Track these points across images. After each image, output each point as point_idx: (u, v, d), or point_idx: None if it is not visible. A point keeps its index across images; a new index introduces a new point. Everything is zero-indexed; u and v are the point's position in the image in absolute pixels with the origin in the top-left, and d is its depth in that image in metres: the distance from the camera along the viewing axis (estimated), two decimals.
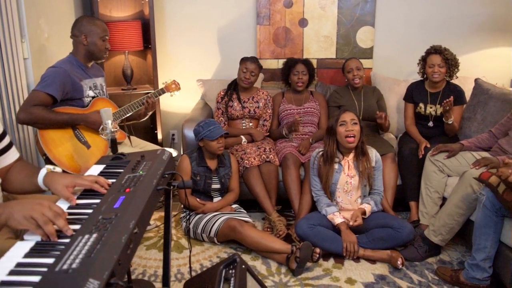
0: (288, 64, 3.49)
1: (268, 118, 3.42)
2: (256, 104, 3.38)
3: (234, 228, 2.67)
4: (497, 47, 4.04)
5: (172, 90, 3.20)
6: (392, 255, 2.62)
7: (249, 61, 3.34)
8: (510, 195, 2.13)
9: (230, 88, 3.45)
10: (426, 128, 3.30)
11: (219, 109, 3.41)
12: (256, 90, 3.46)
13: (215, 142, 2.79)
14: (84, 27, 2.74)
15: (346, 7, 3.80)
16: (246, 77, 3.32)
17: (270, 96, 3.46)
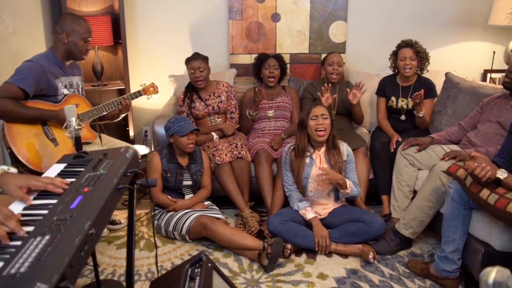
0: (260, 59, 3.47)
1: (234, 109, 3.38)
2: (218, 99, 3.33)
3: (205, 225, 2.64)
4: (467, 41, 4.09)
5: (150, 93, 3.14)
6: (363, 249, 2.63)
7: (192, 60, 3.24)
8: (477, 187, 2.14)
9: (188, 90, 3.38)
10: (398, 121, 3.33)
11: (183, 112, 3.33)
12: (215, 84, 3.39)
13: (185, 138, 2.75)
14: (67, 25, 2.66)
15: (319, 2, 3.79)
16: (196, 76, 3.24)
17: (231, 86, 3.41)
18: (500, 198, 2.02)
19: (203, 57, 3.29)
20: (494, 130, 2.68)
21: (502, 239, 2.16)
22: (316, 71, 3.91)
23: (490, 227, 2.21)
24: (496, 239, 2.19)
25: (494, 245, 2.20)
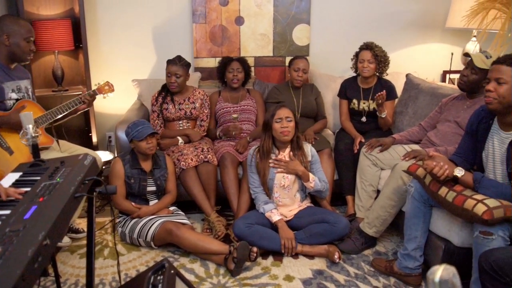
0: (223, 62, 3.46)
1: (205, 118, 3.37)
2: (192, 105, 3.31)
3: (170, 231, 2.61)
4: (427, 43, 4.20)
5: (105, 92, 3.08)
6: (329, 249, 2.66)
7: (171, 64, 3.20)
8: (435, 186, 2.20)
9: (164, 89, 3.35)
10: (360, 123, 3.38)
11: (154, 112, 3.30)
12: (192, 90, 3.38)
13: (144, 143, 2.72)
14: (6, 26, 2.58)
15: (282, 5, 3.81)
16: (171, 81, 3.21)
17: (207, 96, 3.41)
18: (458, 195, 2.08)
19: (184, 63, 3.25)
20: (452, 129, 2.76)
21: (461, 235, 2.23)
22: (280, 74, 3.93)
23: (449, 224, 2.28)
24: (455, 235, 2.25)
25: (454, 241, 2.27)
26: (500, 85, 1.99)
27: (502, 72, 2.00)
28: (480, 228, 1.98)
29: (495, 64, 2.05)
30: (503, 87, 1.98)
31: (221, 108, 3.42)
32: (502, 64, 2.01)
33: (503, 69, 2.00)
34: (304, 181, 2.75)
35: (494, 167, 2.17)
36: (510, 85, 1.97)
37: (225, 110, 3.40)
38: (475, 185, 2.08)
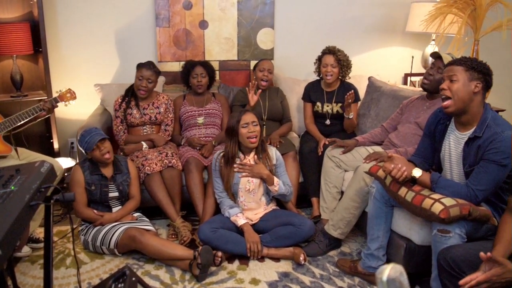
0: (187, 67, 3.44)
1: (170, 122, 3.33)
2: (157, 110, 3.27)
3: (134, 237, 2.57)
4: (388, 46, 4.29)
5: (67, 99, 3.01)
6: (294, 251, 2.67)
7: (145, 68, 3.18)
8: (395, 186, 2.25)
9: (128, 94, 3.30)
10: (325, 126, 3.43)
11: (118, 117, 3.25)
12: (156, 95, 3.34)
13: (96, 152, 2.67)
14: None
15: (246, 9, 3.82)
16: (142, 85, 3.17)
17: (171, 100, 3.37)
18: (416, 195, 2.14)
19: (157, 70, 3.25)
20: (412, 130, 2.83)
21: (421, 233, 2.29)
22: (245, 77, 3.94)
23: (410, 223, 2.33)
24: (416, 234, 2.31)
25: (414, 239, 2.32)
26: (453, 83, 2.09)
27: (454, 70, 2.10)
28: (438, 226, 2.04)
29: (448, 66, 2.16)
30: (455, 85, 2.08)
31: (186, 112, 3.39)
32: (453, 65, 2.13)
33: (455, 68, 2.10)
34: (268, 185, 2.76)
35: (451, 167, 2.24)
36: (461, 82, 2.07)
37: (190, 114, 3.38)
38: (432, 185, 2.14)
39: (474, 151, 2.08)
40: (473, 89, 2.06)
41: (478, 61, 2.10)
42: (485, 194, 2.04)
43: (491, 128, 2.04)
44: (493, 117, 2.09)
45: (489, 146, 2.01)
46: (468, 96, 2.07)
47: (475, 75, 2.06)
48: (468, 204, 2.00)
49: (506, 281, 1.64)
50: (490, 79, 2.10)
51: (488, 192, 2.05)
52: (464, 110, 2.10)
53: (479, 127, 2.08)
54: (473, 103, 2.09)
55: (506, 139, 2.00)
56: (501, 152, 1.99)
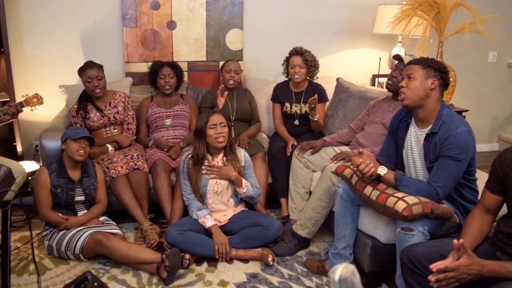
0: (154, 68, 3.40)
1: (131, 120, 3.27)
2: (115, 109, 3.21)
3: (100, 242, 2.52)
4: (357, 48, 4.36)
5: (33, 104, 2.92)
6: (263, 252, 2.67)
7: (88, 68, 3.10)
8: (361, 185, 2.28)
9: (82, 99, 3.21)
10: (294, 126, 3.44)
11: (77, 124, 3.16)
12: (111, 94, 3.27)
13: (77, 144, 2.62)
14: None
15: (214, 10, 3.81)
16: (95, 85, 3.10)
17: (128, 97, 3.31)
18: (381, 194, 2.17)
19: (99, 65, 3.16)
20: (379, 130, 2.87)
21: (386, 232, 2.31)
22: (214, 78, 3.92)
23: (375, 222, 2.36)
24: (381, 232, 2.33)
25: (380, 238, 2.35)
26: (411, 80, 2.16)
27: (411, 69, 2.19)
28: (401, 224, 2.07)
29: (407, 65, 2.25)
30: (413, 82, 2.15)
31: (154, 114, 3.35)
32: (411, 64, 2.21)
33: (413, 67, 2.19)
34: (236, 187, 2.75)
35: (414, 164, 2.29)
36: (419, 80, 2.14)
37: (158, 115, 3.34)
38: (396, 184, 2.17)
39: (433, 148, 2.14)
40: (429, 86, 2.14)
41: (435, 60, 2.19)
42: (445, 191, 2.09)
43: (446, 125, 2.10)
44: (449, 114, 2.15)
45: (445, 142, 2.07)
46: (425, 92, 2.14)
47: (432, 72, 2.15)
48: (430, 202, 2.04)
49: (472, 273, 1.67)
50: (447, 77, 2.17)
51: (448, 189, 2.10)
52: (421, 105, 2.17)
53: (435, 123, 2.14)
54: (429, 99, 2.15)
55: (461, 134, 2.06)
56: (456, 148, 2.04)
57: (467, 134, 2.08)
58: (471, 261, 1.66)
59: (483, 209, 1.95)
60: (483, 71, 4.87)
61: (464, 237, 1.87)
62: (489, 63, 4.88)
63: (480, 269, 1.66)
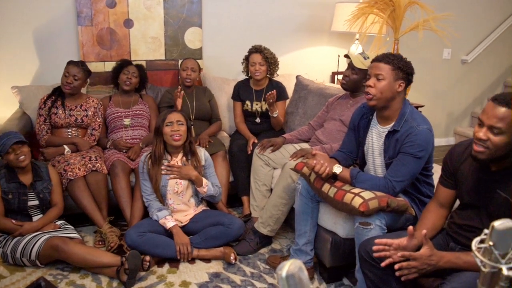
0: (121, 64, 3.35)
1: (97, 127, 3.21)
2: (84, 113, 3.14)
3: (56, 247, 2.44)
4: (316, 46, 4.40)
5: None
6: (225, 251, 2.67)
7: (72, 64, 3.08)
8: (319, 182, 2.31)
9: (55, 93, 3.15)
10: (255, 124, 3.45)
11: (41, 116, 3.08)
12: (85, 98, 3.21)
13: (11, 155, 2.52)
14: None
15: (172, 8, 3.76)
16: (68, 81, 3.05)
17: (101, 105, 3.25)
18: (338, 190, 2.20)
19: (86, 69, 3.15)
20: (337, 127, 2.91)
21: (345, 227, 2.36)
22: (173, 77, 3.88)
23: (334, 217, 2.40)
24: (341, 227, 2.37)
25: (340, 233, 2.39)
26: (379, 81, 2.14)
27: (380, 69, 2.14)
28: (359, 219, 2.11)
29: (374, 62, 2.19)
30: (381, 83, 2.14)
31: (112, 113, 3.28)
32: (380, 62, 2.16)
33: (382, 66, 2.14)
34: (197, 186, 2.74)
35: (373, 159, 2.33)
36: (387, 81, 2.13)
37: (116, 115, 3.27)
38: (352, 181, 2.21)
39: (393, 144, 2.18)
40: (397, 89, 2.14)
41: (404, 60, 2.16)
42: (402, 186, 2.14)
43: (408, 123, 2.14)
44: (411, 112, 2.19)
45: (406, 140, 2.11)
46: (392, 94, 2.14)
47: (400, 74, 2.13)
48: (386, 196, 2.09)
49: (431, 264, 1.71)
50: (412, 78, 2.19)
51: (405, 184, 2.15)
52: (386, 106, 2.19)
53: (398, 121, 2.17)
54: (395, 100, 2.17)
55: (422, 133, 2.10)
56: (416, 145, 2.09)
57: (427, 132, 2.13)
58: (432, 252, 1.71)
59: (437, 204, 2.01)
60: (438, 68, 5.02)
61: (418, 229, 1.92)
62: (444, 60, 5.04)
63: (438, 260, 1.71)
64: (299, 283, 0.76)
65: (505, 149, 1.63)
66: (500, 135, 1.61)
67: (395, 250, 1.76)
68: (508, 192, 1.69)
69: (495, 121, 1.60)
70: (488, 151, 1.65)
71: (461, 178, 1.89)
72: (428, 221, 1.99)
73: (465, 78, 5.20)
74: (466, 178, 1.86)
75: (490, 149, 1.64)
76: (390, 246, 1.77)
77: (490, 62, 5.24)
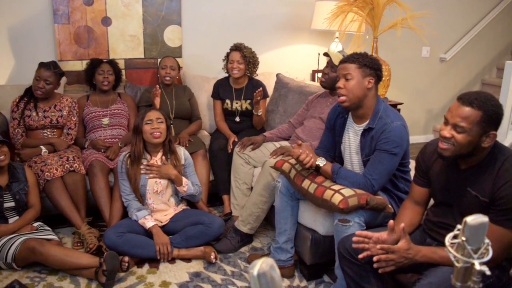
0: (93, 65, 3.29)
1: (73, 126, 3.16)
2: (59, 113, 3.09)
3: (33, 249, 2.40)
4: (296, 44, 4.40)
5: None
6: (205, 250, 2.65)
7: (44, 68, 2.99)
8: (299, 179, 2.31)
9: (27, 94, 3.08)
10: (235, 123, 3.44)
11: (15, 119, 3.01)
12: (59, 97, 3.15)
13: None
14: None
15: (151, 6, 3.72)
16: (39, 86, 2.98)
17: (75, 103, 3.20)
18: (318, 187, 2.21)
19: (58, 71, 3.08)
20: (317, 125, 2.92)
21: (325, 224, 2.37)
22: (153, 76, 3.84)
23: (314, 215, 2.41)
24: (320, 225, 2.38)
25: (319, 230, 2.40)
26: (348, 81, 2.16)
27: (347, 69, 2.17)
28: (338, 216, 2.12)
29: (341, 64, 2.23)
30: (350, 82, 2.16)
31: (90, 113, 3.23)
32: (346, 62, 2.20)
33: (348, 66, 2.18)
34: (177, 186, 2.72)
35: (351, 158, 2.35)
36: (356, 79, 2.15)
37: (94, 114, 3.23)
38: (333, 176, 2.22)
39: (369, 142, 2.20)
40: (366, 85, 2.16)
41: (369, 56, 2.20)
42: (380, 183, 2.16)
43: (382, 119, 2.16)
44: (385, 109, 2.21)
45: (381, 137, 2.13)
46: (363, 92, 2.17)
47: (368, 71, 2.16)
48: (365, 194, 2.10)
49: (408, 257, 1.73)
50: (381, 73, 2.21)
51: (383, 181, 2.17)
52: (359, 105, 2.21)
53: (372, 119, 2.19)
54: (367, 97, 2.19)
55: (396, 129, 2.12)
56: (391, 142, 2.11)
57: (402, 128, 2.15)
58: (409, 246, 1.73)
59: (413, 201, 2.03)
60: (418, 66, 5.08)
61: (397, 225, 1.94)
62: (423, 58, 5.10)
63: (415, 254, 1.73)
64: (271, 282, 0.76)
65: (468, 147, 1.67)
66: (463, 134, 1.65)
67: (374, 243, 1.77)
68: (477, 189, 1.72)
69: (459, 120, 1.64)
70: (452, 148, 1.68)
71: (433, 177, 1.92)
72: (405, 217, 2.01)
73: (444, 76, 5.27)
74: (438, 177, 1.89)
75: (454, 146, 1.68)
76: (370, 239, 1.78)
77: (468, 60, 5.32)
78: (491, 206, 1.69)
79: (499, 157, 1.70)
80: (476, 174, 1.74)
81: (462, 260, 1.11)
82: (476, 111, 1.62)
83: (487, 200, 1.69)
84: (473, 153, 1.70)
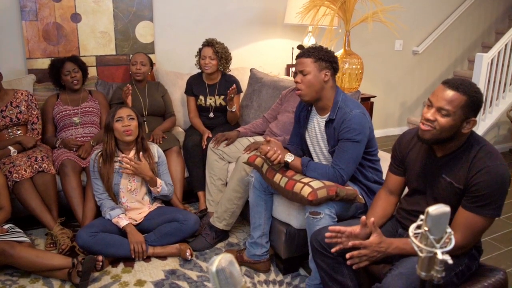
0: (55, 65, 3.21)
1: (36, 120, 3.08)
2: (17, 109, 3.01)
3: (3, 252, 2.34)
4: (270, 38, 4.40)
5: None
6: (181, 247, 2.64)
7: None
8: (271, 173, 2.32)
9: None
10: (209, 119, 3.43)
11: None
12: (13, 94, 3.05)
13: None
14: None
15: (122, 1, 3.66)
16: None
17: (31, 95, 3.12)
18: (289, 180, 2.22)
19: None
20: (291, 119, 2.91)
21: (298, 218, 2.38)
22: (125, 73, 3.79)
23: (288, 208, 2.42)
24: (294, 218, 2.40)
25: (293, 224, 2.41)
26: (305, 76, 2.21)
27: (303, 64, 2.21)
28: (309, 209, 2.13)
29: (297, 59, 2.27)
30: (307, 77, 2.20)
31: (60, 112, 3.17)
32: (301, 58, 2.23)
33: (304, 61, 2.22)
34: (151, 186, 2.69)
35: (320, 150, 2.38)
36: (312, 74, 2.20)
37: (65, 113, 3.17)
38: (303, 169, 2.24)
39: (332, 133, 2.23)
40: (323, 78, 2.20)
41: (324, 49, 2.23)
42: (348, 172, 2.19)
43: (341, 109, 2.21)
44: (344, 99, 2.25)
45: (342, 126, 2.17)
46: (320, 85, 2.21)
47: (323, 64, 2.20)
48: (334, 185, 2.12)
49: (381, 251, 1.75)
50: (337, 65, 2.25)
51: (350, 170, 2.20)
52: (318, 98, 2.25)
53: (333, 110, 2.23)
54: (325, 90, 2.23)
55: (355, 117, 2.16)
56: (352, 130, 2.15)
57: (361, 116, 2.18)
58: (381, 239, 1.75)
59: (387, 191, 2.06)
60: (391, 59, 5.14)
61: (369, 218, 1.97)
62: (396, 51, 5.17)
63: (387, 247, 1.75)
64: (229, 277, 0.76)
65: (449, 131, 1.69)
66: (447, 117, 1.66)
67: (347, 238, 1.79)
68: (452, 176, 1.75)
69: (444, 103, 1.66)
70: (434, 131, 1.70)
71: (409, 165, 1.94)
72: (379, 208, 2.03)
73: (417, 68, 5.35)
74: (414, 164, 1.92)
75: (436, 129, 1.69)
76: (343, 233, 1.80)
77: (440, 52, 5.41)
78: (465, 193, 1.72)
79: (475, 146, 1.73)
80: (451, 162, 1.76)
81: (425, 250, 1.13)
82: (461, 96, 1.65)
83: (461, 187, 1.72)
84: (452, 138, 1.72)
